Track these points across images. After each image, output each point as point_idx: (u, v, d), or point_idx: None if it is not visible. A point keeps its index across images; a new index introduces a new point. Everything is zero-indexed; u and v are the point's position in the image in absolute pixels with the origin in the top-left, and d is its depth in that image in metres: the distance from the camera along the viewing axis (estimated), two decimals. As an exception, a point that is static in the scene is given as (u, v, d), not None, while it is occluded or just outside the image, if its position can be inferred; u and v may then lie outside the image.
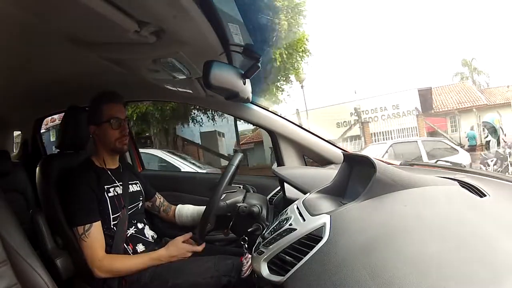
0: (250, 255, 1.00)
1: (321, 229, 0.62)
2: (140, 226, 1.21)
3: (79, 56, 1.00)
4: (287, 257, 0.65)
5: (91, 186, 1.11)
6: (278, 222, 0.80)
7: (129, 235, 1.15)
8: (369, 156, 0.76)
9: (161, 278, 1.06)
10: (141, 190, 1.28)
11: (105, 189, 1.14)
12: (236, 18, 0.89)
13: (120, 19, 0.74)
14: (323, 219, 0.64)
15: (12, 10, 0.71)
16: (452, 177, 0.79)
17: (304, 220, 0.70)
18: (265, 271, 0.69)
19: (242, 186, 1.22)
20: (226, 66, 0.97)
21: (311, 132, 1.46)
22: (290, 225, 0.72)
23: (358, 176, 0.85)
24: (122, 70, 1.14)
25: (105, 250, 1.08)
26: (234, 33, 0.92)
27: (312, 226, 0.65)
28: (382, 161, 0.83)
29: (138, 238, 1.17)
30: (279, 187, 1.33)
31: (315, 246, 0.59)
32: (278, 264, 0.67)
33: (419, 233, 0.53)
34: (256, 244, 0.81)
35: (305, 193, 0.95)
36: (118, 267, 1.07)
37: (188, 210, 1.32)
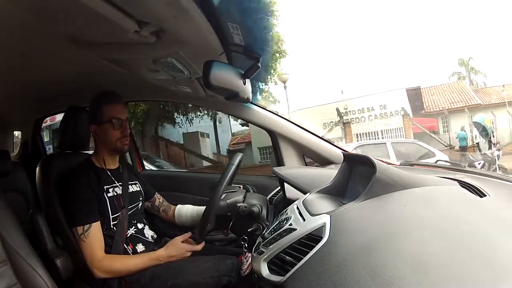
0: (249, 254, 1.00)
1: (321, 229, 0.62)
2: (140, 226, 1.21)
3: (79, 56, 1.00)
4: (287, 257, 0.65)
5: (91, 186, 1.11)
6: (278, 222, 0.80)
7: (129, 235, 1.15)
8: (369, 156, 0.76)
9: (161, 278, 1.06)
10: (140, 190, 1.28)
11: (104, 189, 1.14)
12: (236, 18, 0.89)
13: (120, 19, 0.74)
14: (323, 219, 0.64)
15: (12, 10, 0.71)
16: (452, 177, 0.79)
17: (304, 220, 0.70)
18: (265, 271, 0.69)
19: (242, 186, 1.22)
20: (226, 66, 0.97)
21: (311, 132, 1.46)
22: (290, 225, 0.72)
23: (358, 176, 0.85)
24: (122, 70, 1.14)
25: (104, 250, 1.08)
26: (234, 33, 0.92)
27: (312, 226, 0.65)
28: (382, 161, 0.83)
29: (138, 238, 1.17)
30: (279, 187, 1.33)
31: (315, 246, 0.59)
32: (278, 264, 0.67)
33: (419, 233, 0.53)
34: (256, 244, 0.81)
35: (305, 193, 0.95)
36: (117, 268, 1.07)
37: (187, 210, 1.32)
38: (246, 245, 1.04)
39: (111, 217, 1.12)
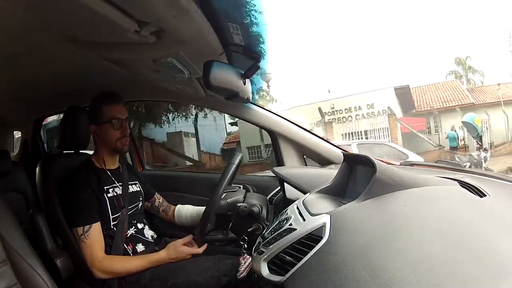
0: (248, 255, 1.00)
1: (321, 229, 0.62)
2: (140, 226, 1.20)
3: (79, 56, 1.00)
4: (287, 257, 0.65)
5: (91, 186, 1.11)
6: (278, 222, 0.80)
7: (129, 235, 1.15)
8: (369, 156, 0.76)
9: (160, 278, 1.06)
10: (140, 190, 1.27)
11: (104, 189, 1.14)
12: (236, 18, 0.89)
13: (120, 19, 0.74)
14: (323, 219, 0.64)
15: (12, 10, 0.71)
16: (452, 177, 0.78)
17: (304, 220, 0.70)
18: (265, 271, 0.69)
19: (242, 186, 1.22)
20: (226, 66, 0.97)
21: (311, 132, 1.46)
22: (290, 225, 0.72)
23: (358, 176, 0.85)
24: (122, 70, 1.14)
25: (105, 250, 1.08)
26: (234, 33, 0.92)
27: (312, 226, 0.65)
28: (382, 161, 0.83)
29: (138, 238, 1.17)
30: (279, 187, 1.33)
31: (315, 246, 0.59)
32: (278, 264, 0.67)
33: (419, 233, 0.53)
34: (256, 244, 0.81)
35: (305, 193, 0.96)
36: (117, 268, 1.07)
37: (187, 210, 1.32)
38: (246, 245, 1.04)
39: (111, 217, 1.12)
